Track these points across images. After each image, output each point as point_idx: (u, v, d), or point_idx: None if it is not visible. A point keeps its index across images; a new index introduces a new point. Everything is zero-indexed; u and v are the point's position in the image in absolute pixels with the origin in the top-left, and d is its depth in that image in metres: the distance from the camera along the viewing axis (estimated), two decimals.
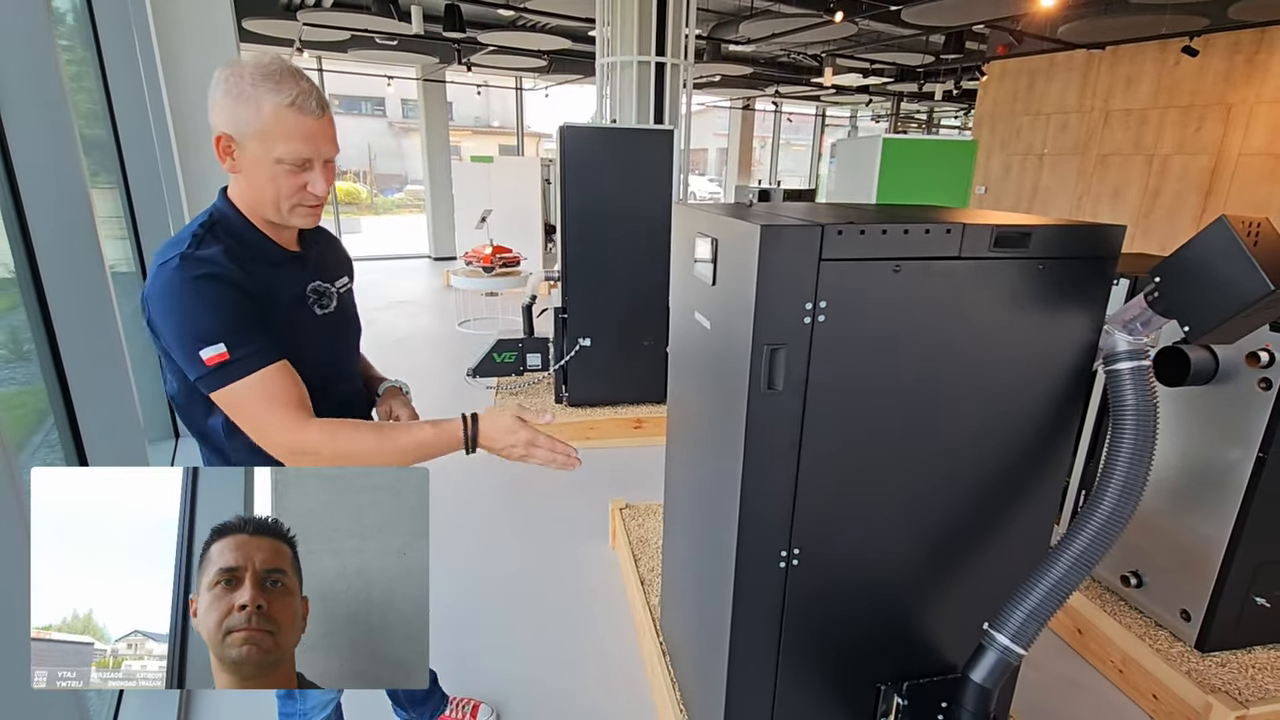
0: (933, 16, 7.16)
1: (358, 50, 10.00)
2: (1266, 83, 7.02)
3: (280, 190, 1.08)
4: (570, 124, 3.76)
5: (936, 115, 16.95)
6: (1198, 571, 2.06)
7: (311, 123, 1.07)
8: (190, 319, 1.01)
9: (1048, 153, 9.16)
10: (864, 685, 1.50)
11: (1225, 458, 1.99)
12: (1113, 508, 1.23)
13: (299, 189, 1.09)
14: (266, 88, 1.04)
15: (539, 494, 3.46)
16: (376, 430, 1.08)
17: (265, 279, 1.11)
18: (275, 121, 1.04)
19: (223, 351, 1.00)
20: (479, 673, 2.19)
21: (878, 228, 1.16)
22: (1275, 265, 1.06)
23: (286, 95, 1.04)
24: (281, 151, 1.05)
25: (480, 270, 6.61)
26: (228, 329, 1.01)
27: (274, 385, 1.04)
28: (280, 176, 1.07)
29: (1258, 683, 1.97)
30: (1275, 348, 1.83)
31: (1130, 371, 1.26)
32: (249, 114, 1.04)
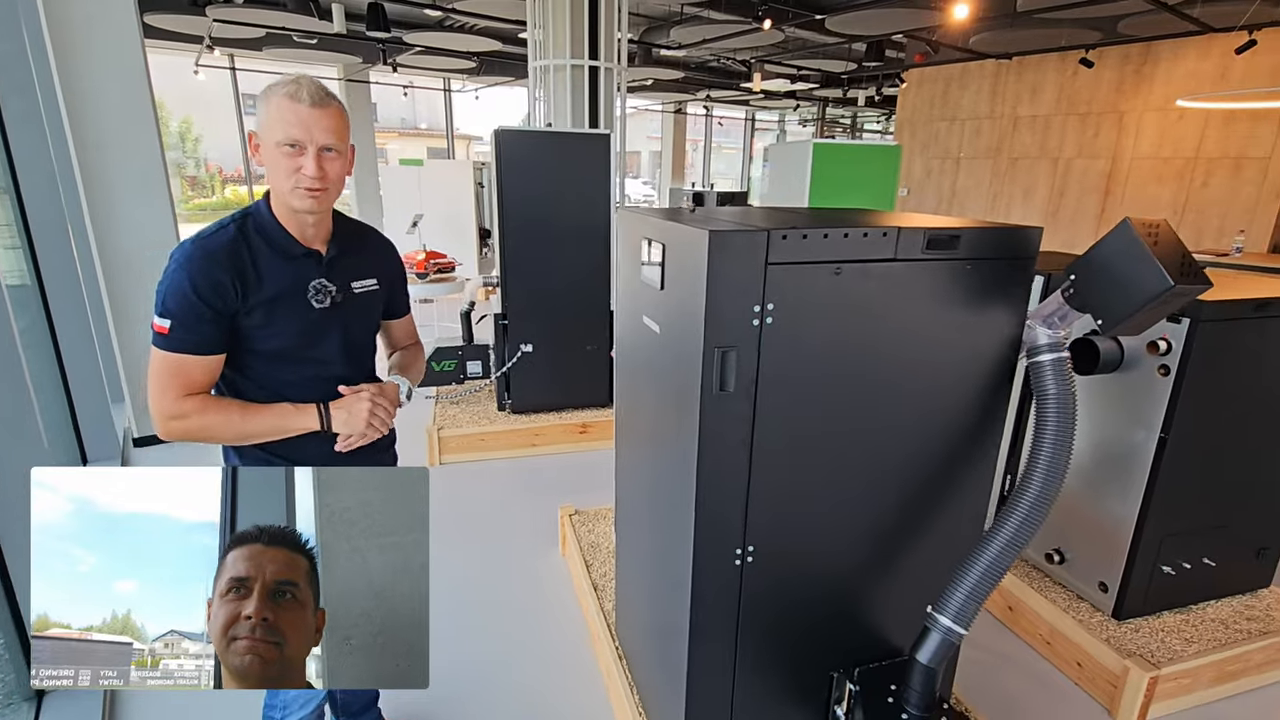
0: (855, 25, 7.45)
1: (273, 49, 9.58)
2: (1153, 92, 7.64)
3: (280, 171, 1.23)
4: (505, 128, 3.72)
5: (860, 120, 17.63)
6: (1112, 546, 2.22)
7: (303, 110, 1.21)
8: (163, 289, 1.22)
9: (964, 156, 9.68)
10: (817, 675, 1.55)
11: (1131, 440, 2.15)
12: (1040, 489, 1.32)
13: (294, 171, 1.23)
14: (278, 89, 1.22)
15: (485, 502, 3.40)
16: (242, 407, 1.29)
17: (269, 269, 1.29)
18: (276, 111, 1.21)
19: (165, 325, 1.21)
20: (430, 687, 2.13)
21: (819, 232, 1.20)
22: (1174, 263, 1.16)
23: (287, 89, 1.22)
24: (279, 135, 1.21)
25: (414, 276, 6.44)
26: (178, 309, 1.21)
27: (189, 368, 1.23)
28: (280, 159, 1.22)
29: (1167, 645, 2.14)
30: (1172, 337, 1.99)
31: (1051, 363, 1.35)
32: (263, 110, 1.23)
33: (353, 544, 0.78)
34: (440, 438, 3.79)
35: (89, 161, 3.42)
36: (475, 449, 3.89)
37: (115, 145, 3.47)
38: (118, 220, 3.55)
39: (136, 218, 3.59)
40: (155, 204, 3.63)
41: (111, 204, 3.52)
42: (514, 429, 3.95)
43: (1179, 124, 7.43)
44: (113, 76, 3.41)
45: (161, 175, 3.64)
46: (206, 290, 1.21)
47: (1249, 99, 6.33)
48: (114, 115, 3.44)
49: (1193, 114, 7.26)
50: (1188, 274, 1.14)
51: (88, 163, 3.42)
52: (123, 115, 3.46)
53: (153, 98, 3.56)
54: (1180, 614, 2.30)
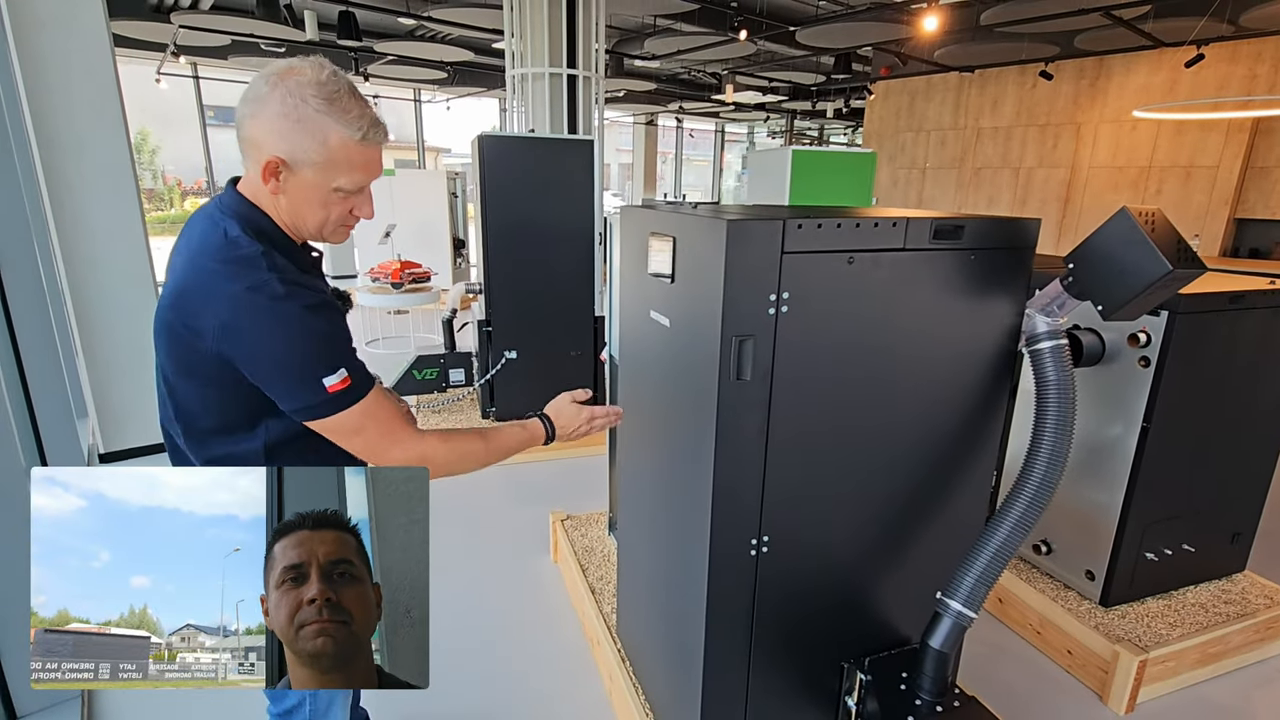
0: (824, 39, 7.62)
1: (239, 57, 9.40)
2: (1107, 104, 7.96)
3: (330, 215, 1.07)
4: (488, 133, 3.70)
5: (827, 132, 17.99)
6: (1098, 535, 2.29)
7: (375, 152, 1.05)
8: (309, 345, 0.99)
9: (929, 166, 9.94)
10: (828, 665, 1.56)
11: (1114, 431, 2.22)
12: (1044, 473, 1.35)
13: (346, 211, 1.08)
14: (333, 116, 0.99)
15: (472, 511, 3.35)
16: (480, 435, 1.18)
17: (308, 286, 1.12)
18: (342, 154, 1.01)
19: (345, 378, 1.00)
20: (428, 698, 2.08)
21: (833, 221, 1.22)
22: (1171, 248, 1.20)
23: (356, 128, 1.01)
24: (344, 182, 1.03)
25: (388, 286, 6.35)
26: (345, 355, 1.02)
27: (385, 405, 1.07)
28: (334, 203, 1.05)
29: (1154, 630, 2.21)
30: (1152, 330, 2.06)
31: (1050, 350, 1.39)
32: (312, 145, 1.00)
33: (397, 519, 0.78)
34: None
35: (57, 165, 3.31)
36: None
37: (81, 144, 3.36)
38: (83, 226, 3.43)
39: (103, 223, 3.48)
40: (123, 208, 3.52)
41: (77, 207, 3.40)
42: None
43: (1133, 134, 7.75)
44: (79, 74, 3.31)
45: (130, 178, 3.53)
46: (339, 314, 1.06)
47: (1201, 109, 6.64)
48: (80, 112, 3.33)
49: (1146, 125, 7.58)
50: (1184, 259, 1.19)
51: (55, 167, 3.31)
52: (89, 112, 3.35)
53: (121, 96, 3.46)
54: (1163, 599, 2.37)
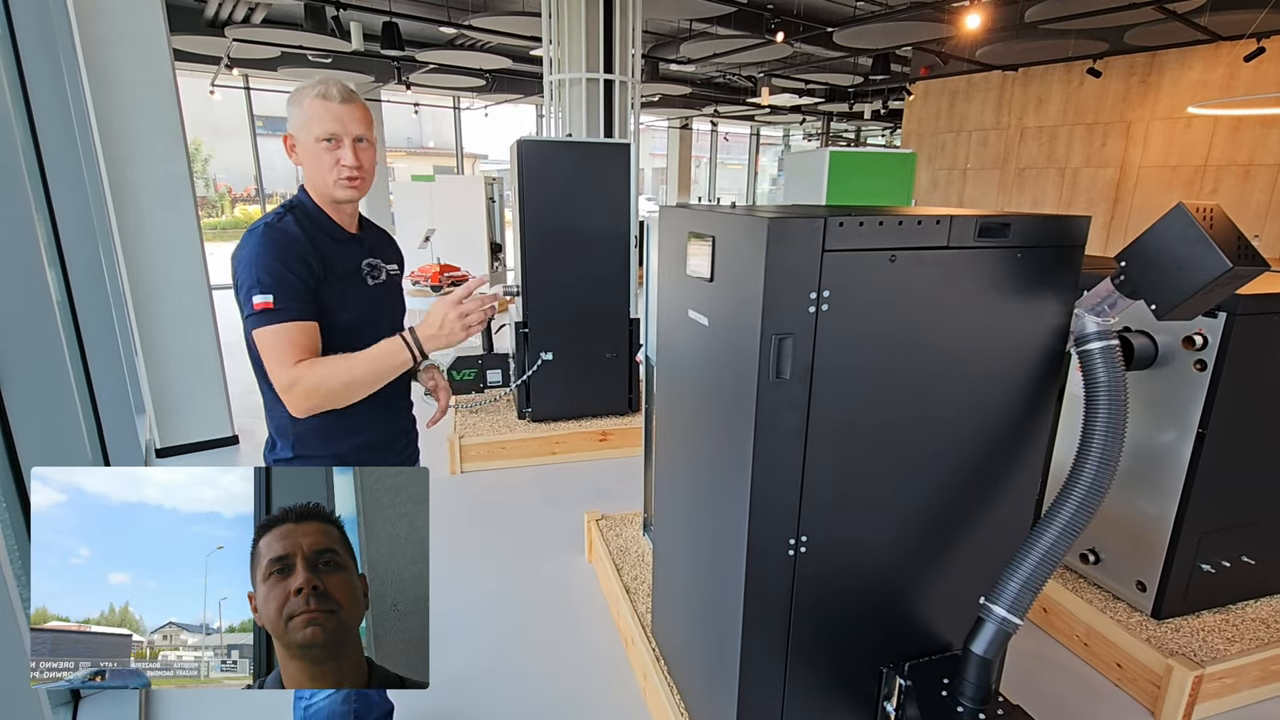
0: (862, 39, 7.54)
1: (288, 68, 9.72)
2: (1159, 101, 7.68)
3: (323, 165, 1.33)
4: (526, 138, 3.76)
5: (864, 134, 17.75)
6: (1150, 545, 2.21)
7: (336, 106, 1.31)
8: (255, 269, 1.25)
9: (970, 167, 9.73)
10: (866, 670, 1.54)
11: (1167, 437, 2.14)
12: (1094, 476, 1.32)
13: (335, 163, 1.33)
14: (305, 90, 1.32)
15: (506, 511, 3.40)
16: (346, 356, 1.30)
17: (329, 250, 1.37)
18: (310, 110, 1.31)
19: (268, 301, 1.23)
20: (465, 696, 2.12)
21: (875, 219, 1.22)
22: (1230, 245, 1.16)
23: (317, 90, 1.31)
24: (317, 131, 1.31)
25: (428, 289, 6.48)
26: (278, 285, 1.24)
27: (292, 337, 1.25)
28: (321, 154, 1.32)
29: (1209, 644, 2.12)
30: (1209, 332, 1.99)
31: (1101, 351, 1.36)
32: (298, 112, 1.33)
33: (383, 513, 0.79)
34: (462, 446, 3.80)
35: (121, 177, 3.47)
36: (496, 457, 3.89)
37: (144, 157, 3.53)
38: (145, 232, 3.60)
39: (162, 229, 3.64)
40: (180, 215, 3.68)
41: (139, 215, 3.57)
42: (534, 437, 3.95)
43: (1186, 132, 7.47)
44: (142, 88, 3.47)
45: (188, 187, 3.69)
46: (295, 264, 1.27)
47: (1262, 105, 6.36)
48: (143, 124, 3.50)
49: (1200, 122, 7.29)
50: (1244, 256, 1.15)
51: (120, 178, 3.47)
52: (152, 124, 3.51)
53: (180, 109, 3.62)
54: (1220, 613, 2.28)
